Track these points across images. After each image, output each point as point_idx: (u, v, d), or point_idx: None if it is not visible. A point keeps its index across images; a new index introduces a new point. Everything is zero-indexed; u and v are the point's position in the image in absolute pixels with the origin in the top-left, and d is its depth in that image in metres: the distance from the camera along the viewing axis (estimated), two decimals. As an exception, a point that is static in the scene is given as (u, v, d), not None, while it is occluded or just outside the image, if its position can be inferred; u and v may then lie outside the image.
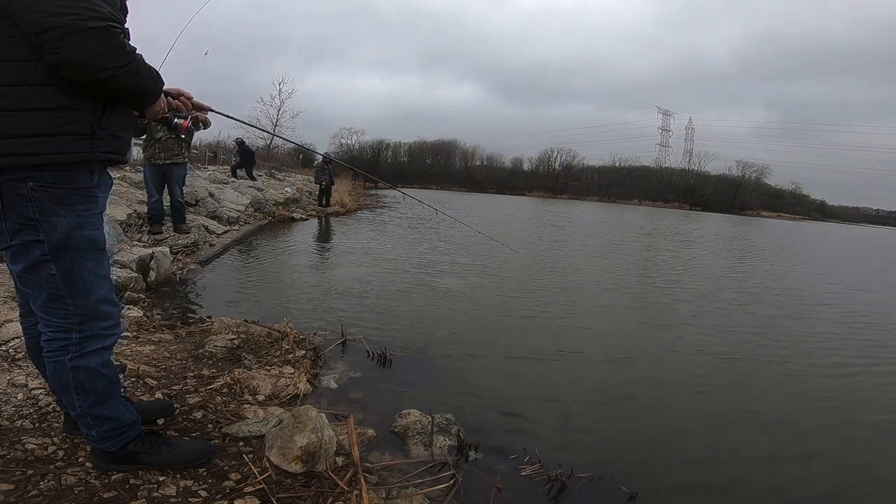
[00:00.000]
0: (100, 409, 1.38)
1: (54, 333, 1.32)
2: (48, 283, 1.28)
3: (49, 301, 1.30)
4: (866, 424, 2.65)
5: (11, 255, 1.28)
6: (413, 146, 68.62)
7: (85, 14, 1.11)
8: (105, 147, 1.29)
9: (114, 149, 1.33)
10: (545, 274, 6.46)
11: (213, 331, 2.84)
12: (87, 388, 1.35)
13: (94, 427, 1.39)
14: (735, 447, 2.30)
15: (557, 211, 25.64)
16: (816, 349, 3.96)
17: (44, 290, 1.29)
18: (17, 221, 1.22)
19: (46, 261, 1.26)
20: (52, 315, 1.31)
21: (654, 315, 4.78)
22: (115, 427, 1.41)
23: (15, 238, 1.24)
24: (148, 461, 1.46)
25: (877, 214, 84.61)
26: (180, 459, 1.51)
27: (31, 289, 1.30)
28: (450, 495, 1.69)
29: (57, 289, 1.28)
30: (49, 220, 1.23)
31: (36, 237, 1.24)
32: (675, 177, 67.86)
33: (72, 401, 1.36)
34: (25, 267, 1.27)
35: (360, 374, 2.69)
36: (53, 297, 1.29)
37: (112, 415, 1.41)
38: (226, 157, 21.82)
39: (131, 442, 1.45)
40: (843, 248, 18.11)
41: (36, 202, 1.21)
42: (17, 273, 1.30)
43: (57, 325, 1.32)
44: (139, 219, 5.83)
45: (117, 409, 1.42)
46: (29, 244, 1.25)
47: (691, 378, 3.14)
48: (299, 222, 10.68)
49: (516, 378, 2.91)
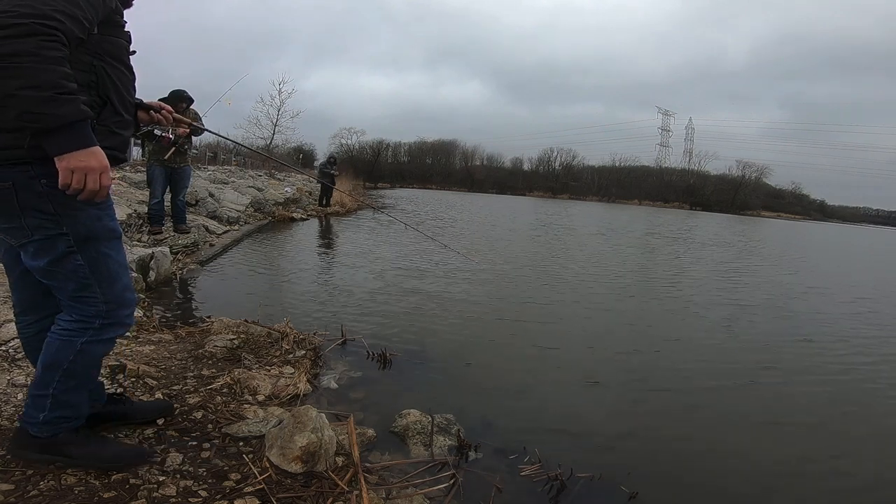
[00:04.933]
0: (71, 395, 1.37)
1: (80, 319, 1.33)
2: (76, 274, 1.29)
3: (78, 290, 1.31)
4: (873, 429, 2.64)
5: (34, 250, 1.27)
6: (413, 146, 68.76)
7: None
8: (104, 142, 1.27)
9: (113, 145, 1.32)
10: (545, 275, 6.46)
11: (213, 331, 2.84)
12: (77, 372, 1.35)
13: (48, 410, 1.35)
14: (735, 447, 2.29)
15: (552, 211, 25.60)
16: (822, 351, 3.96)
17: (72, 281, 1.30)
18: (37, 217, 1.23)
19: (72, 252, 1.27)
20: (83, 303, 1.32)
21: (655, 315, 4.78)
22: (69, 416, 1.39)
23: (36, 233, 1.25)
24: (70, 454, 1.40)
25: (877, 214, 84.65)
26: (105, 459, 1.44)
27: (58, 281, 1.31)
28: (450, 495, 1.69)
29: (86, 278, 1.30)
30: (70, 213, 1.24)
31: (59, 230, 1.25)
32: (675, 177, 67.94)
33: (51, 379, 1.33)
34: (51, 260, 1.27)
35: (360, 374, 2.69)
36: (83, 286, 1.31)
37: (77, 403, 1.40)
38: (225, 158, 21.81)
39: (63, 432, 1.41)
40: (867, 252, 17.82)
41: (53, 197, 1.21)
42: (42, 267, 1.29)
43: (85, 313, 1.33)
44: (139, 219, 5.83)
45: (83, 399, 1.42)
46: (53, 238, 1.25)
47: (692, 378, 3.13)
48: (299, 222, 10.68)
49: (516, 378, 2.91)
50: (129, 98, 1.42)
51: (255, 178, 16.28)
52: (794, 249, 14.95)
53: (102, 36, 1.30)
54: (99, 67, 1.29)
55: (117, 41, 1.36)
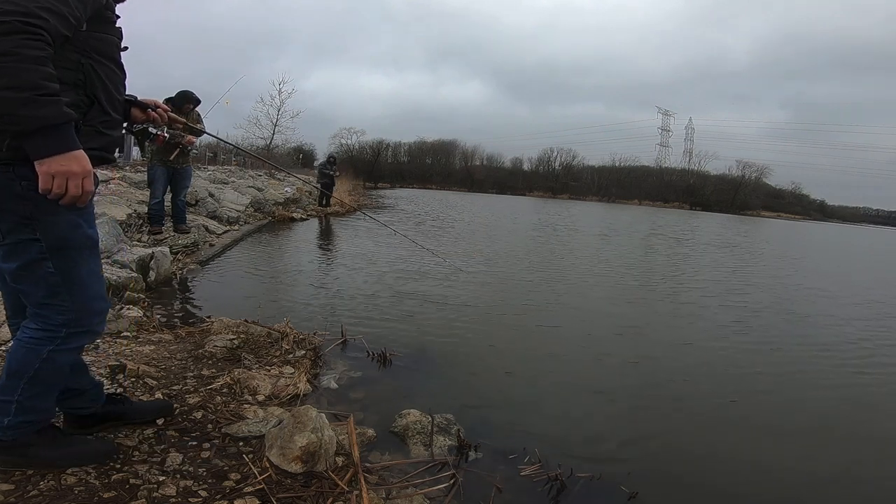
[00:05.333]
0: (37, 401, 1.35)
1: (46, 328, 1.29)
2: (46, 281, 1.26)
3: (47, 297, 1.27)
4: (877, 431, 2.63)
5: (5, 252, 1.25)
6: (413, 146, 68.79)
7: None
8: (90, 143, 1.24)
9: (100, 146, 1.29)
10: (546, 277, 6.46)
11: (213, 331, 2.84)
12: (43, 379, 1.32)
13: (13, 415, 1.32)
14: (736, 447, 2.29)
15: (553, 211, 25.61)
16: (827, 354, 3.96)
17: (41, 288, 1.26)
18: (12, 220, 1.20)
19: (44, 259, 1.24)
20: (50, 310, 1.29)
21: (654, 316, 4.78)
22: (34, 421, 1.37)
23: (8, 237, 1.22)
24: (37, 454, 1.38)
25: (877, 214, 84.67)
26: (73, 458, 1.43)
27: (27, 285, 1.27)
28: (450, 495, 1.69)
29: (56, 286, 1.26)
30: (49, 218, 1.21)
31: (32, 236, 1.21)
32: (675, 177, 67.98)
33: (15, 386, 1.30)
34: (21, 265, 1.24)
35: (360, 374, 2.69)
36: (52, 293, 1.27)
37: (43, 408, 1.37)
38: (225, 158, 21.79)
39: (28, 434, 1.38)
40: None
41: (32, 200, 1.18)
42: (13, 270, 1.26)
43: (51, 321, 1.29)
44: (139, 219, 5.83)
45: (50, 404, 1.40)
46: (25, 243, 1.22)
47: (692, 378, 3.13)
48: (299, 222, 10.68)
49: (516, 378, 2.91)
50: (118, 96, 1.39)
51: (255, 178, 16.27)
52: (796, 249, 14.94)
53: (91, 32, 1.26)
54: (87, 65, 1.25)
55: (107, 38, 1.32)
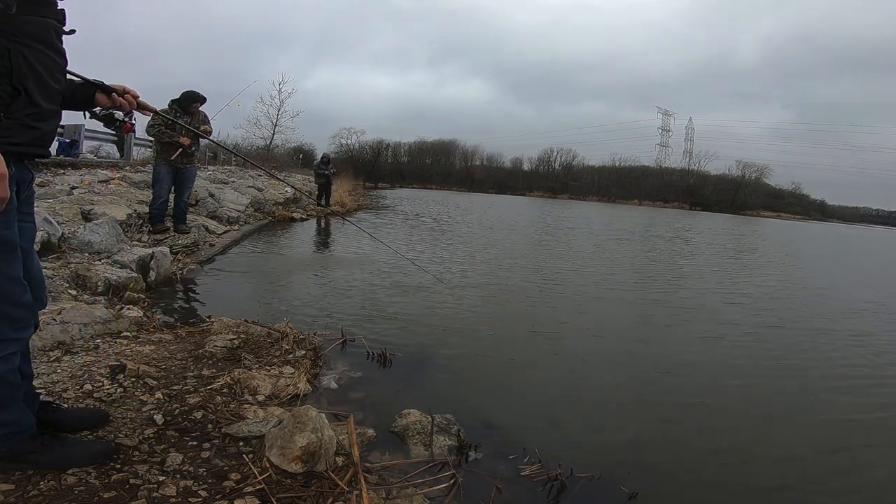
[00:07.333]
0: (1, 415, 1.32)
1: None
2: None
3: None
4: (878, 430, 2.63)
5: None
6: (413, 146, 68.73)
7: None
8: (14, 138, 1.15)
9: (26, 140, 1.19)
10: (545, 278, 6.45)
11: (213, 331, 2.84)
12: None
13: None
14: (736, 447, 2.29)
15: (554, 211, 25.59)
16: (827, 354, 3.96)
17: None
18: None
19: None
20: None
21: (654, 316, 4.77)
22: (13, 431, 1.35)
23: None
24: (37, 461, 1.38)
25: (877, 214, 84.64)
26: (75, 459, 1.43)
27: None
28: (450, 495, 1.69)
29: None
30: None
31: None
32: (675, 177, 67.95)
33: None
34: None
35: (360, 374, 2.69)
36: None
37: (13, 420, 1.35)
38: (225, 157, 21.79)
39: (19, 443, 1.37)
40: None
41: None
42: None
43: None
44: (139, 219, 5.83)
45: (19, 414, 1.37)
46: None
47: (692, 378, 3.13)
48: (299, 222, 10.67)
49: (516, 378, 2.91)
50: (54, 85, 1.26)
51: (255, 178, 16.26)
52: (809, 253, 14.94)
53: (22, 16, 1.14)
54: (15, 52, 1.14)
55: (42, 21, 1.20)
